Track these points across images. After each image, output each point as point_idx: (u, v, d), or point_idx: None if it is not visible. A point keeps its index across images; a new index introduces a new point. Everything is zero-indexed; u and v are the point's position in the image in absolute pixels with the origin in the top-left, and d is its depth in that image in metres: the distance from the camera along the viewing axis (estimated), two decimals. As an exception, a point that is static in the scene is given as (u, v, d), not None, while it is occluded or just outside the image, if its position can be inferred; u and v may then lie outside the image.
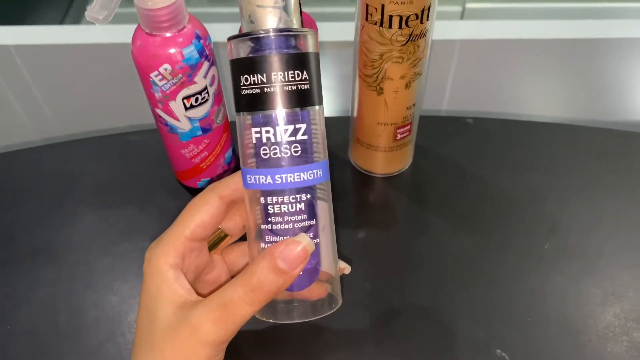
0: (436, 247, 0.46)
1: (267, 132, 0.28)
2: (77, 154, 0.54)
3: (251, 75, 0.27)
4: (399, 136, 0.46)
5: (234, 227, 0.33)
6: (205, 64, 0.40)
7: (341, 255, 0.45)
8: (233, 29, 0.42)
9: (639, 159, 0.52)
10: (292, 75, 0.27)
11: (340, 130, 0.52)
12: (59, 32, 0.56)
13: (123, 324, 0.42)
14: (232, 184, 0.31)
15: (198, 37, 0.39)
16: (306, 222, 0.29)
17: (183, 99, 0.41)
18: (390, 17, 0.38)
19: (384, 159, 0.49)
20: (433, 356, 0.40)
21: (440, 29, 0.41)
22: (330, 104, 0.60)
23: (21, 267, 0.45)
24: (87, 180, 0.51)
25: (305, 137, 0.28)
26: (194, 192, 0.50)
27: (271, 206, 0.28)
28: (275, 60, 0.27)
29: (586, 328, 0.41)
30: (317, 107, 0.29)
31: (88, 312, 0.42)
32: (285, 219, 0.28)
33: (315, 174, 0.28)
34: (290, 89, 0.27)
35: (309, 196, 0.28)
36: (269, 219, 0.29)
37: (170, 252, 0.30)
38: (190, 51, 0.39)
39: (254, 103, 0.28)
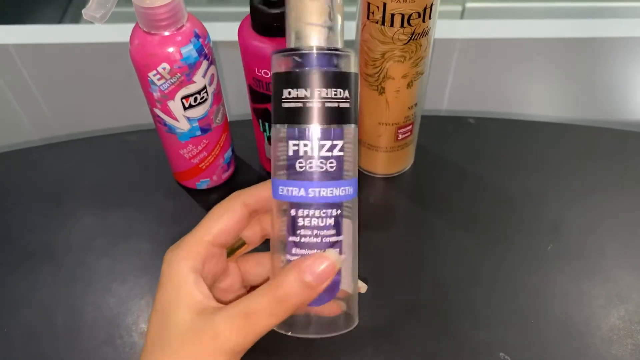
0: (438, 248, 0.45)
1: (305, 145, 0.28)
2: (76, 154, 0.54)
3: (294, 89, 0.28)
4: (400, 136, 0.46)
5: (252, 235, 0.33)
6: (204, 63, 0.40)
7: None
8: (233, 28, 0.41)
9: (643, 159, 0.51)
10: (335, 92, 0.28)
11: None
12: (57, 31, 0.56)
13: (121, 325, 0.41)
14: (258, 192, 0.31)
15: (197, 36, 0.39)
16: (333, 237, 0.29)
17: (182, 99, 0.41)
18: (392, 15, 0.37)
19: (385, 159, 0.48)
20: (435, 359, 0.39)
21: (440, 28, 0.40)
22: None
23: (19, 268, 0.45)
24: (86, 181, 0.51)
25: (341, 153, 0.29)
26: (193, 192, 0.49)
27: (301, 219, 0.29)
28: (319, 77, 0.28)
29: (590, 330, 0.40)
30: (353, 125, 0.29)
31: (86, 314, 0.42)
32: (314, 233, 0.29)
33: (347, 190, 0.29)
34: (331, 105, 0.28)
35: (338, 212, 0.29)
36: (297, 232, 0.29)
37: (191, 255, 0.30)
38: (189, 50, 0.38)
39: (295, 116, 0.28)
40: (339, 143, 0.28)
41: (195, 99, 0.41)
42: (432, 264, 0.44)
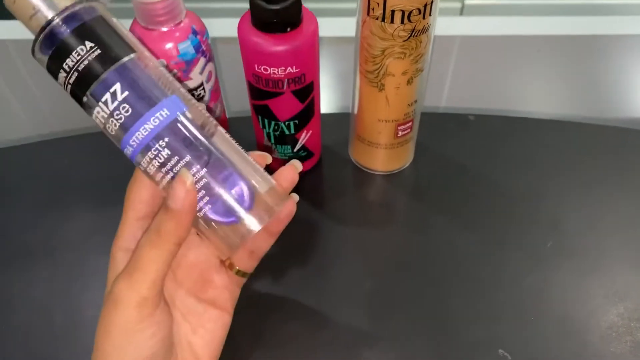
0: (437, 245, 0.45)
1: (97, 112, 0.28)
2: (74, 150, 0.53)
3: (58, 79, 0.28)
4: (400, 133, 0.46)
5: None
6: (202, 60, 0.40)
7: (342, 253, 0.45)
8: (232, 24, 0.41)
9: (642, 156, 0.51)
10: (74, 54, 0.27)
11: (340, 127, 0.51)
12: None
13: (120, 323, 0.41)
14: None
15: (195, 33, 0.39)
16: (183, 160, 0.28)
17: (180, 95, 0.40)
18: (392, 11, 0.37)
19: (384, 156, 0.48)
20: (434, 356, 0.39)
21: (440, 25, 0.40)
22: (330, 101, 0.59)
23: (16, 265, 0.45)
24: (84, 177, 0.51)
25: (126, 93, 0.27)
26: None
27: (145, 163, 0.28)
28: (53, 59, 0.27)
29: (589, 328, 0.40)
30: (123, 61, 0.27)
31: (84, 311, 0.42)
32: (164, 170, 0.28)
33: (161, 115, 0.27)
34: (82, 67, 0.27)
35: (167, 139, 0.27)
36: (156, 178, 0.29)
37: (119, 237, 0.31)
38: (186, 46, 0.38)
39: (74, 97, 0.28)
40: (114, 88, 0.27)
41: (192, 96, 0.41)
42: (432, 261, 0.44)
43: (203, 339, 0.33)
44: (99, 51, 0.27)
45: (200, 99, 0.42)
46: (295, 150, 0.47)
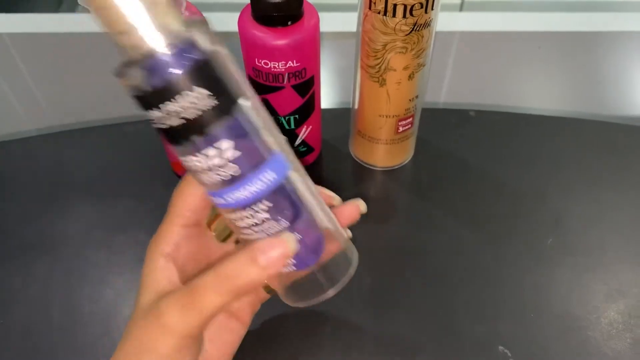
0: (437, 241, 0.45)
1: (196, 160, 0.24)
2: (72, 144, 0.53)
3: (150, 112, 0.23)
4: (400, 129, 0.45)
5: None
6: (204, 53, 0.39)
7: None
8: (233, 18, 0.41)
9: (643, 153, 0.51)
10: (189, 99, 0.22)
11: (340, 123, 0.51)
12: (54, 20, 0.55)
13: (119, 318, 0.41)
14: None
15: (196, 25, 0.38)
16: (277, 225, 0.26)
17: (180, 89, 0.40)
18: (395, 5, 0.37)
19: (385, 152, 0.48)
20: (435, 352, 0.39)
21: (440, 21, 0.40)
22: (330, 96, 0.59)
23: (14, 260, 0.44)
24: (83, 172, 0.50)
25: (236, 152, 0.24)
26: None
27: (236, 221, 0.26)
28: (162, 93, 0.22)
29: (589, 324, 0.40)
30: (236, 113, 0.23)
31: (83, 307, 0.41)
32: (255, 230, 0.26)
33: (266, 178, 0.25)
34: (193, 114, 0.22)
35: (269, 204, 0.25)
36: (242, 232, 0.27)
37: (163, 240, 0.29)
38: (188, 40, 0.38)
39: (168, 137, 0.24)
40: (225, 144, 0.23)
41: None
42: (432, 257, 0.44)
43: (219, 350, 0.32)
44: (214, 102, 0.22)
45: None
46: (295, 145, 0.47)
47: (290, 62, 0.40)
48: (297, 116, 0.44)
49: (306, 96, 0.43)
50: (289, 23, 0.38)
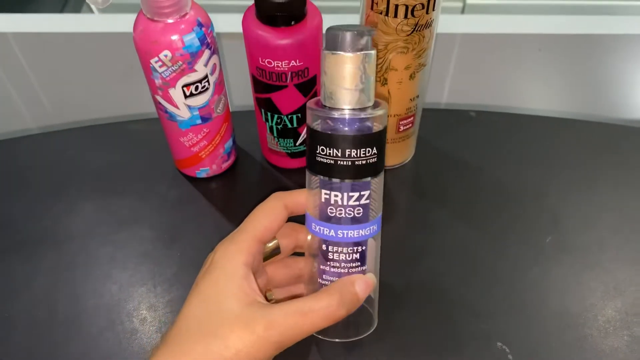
0: (437, 239, 0.46)
1: (336, 196, 0.31)
2: (77, 142, 0.54)
3: (327, 148, 0.30)
4: (401, 128, 0.46)
5: (287, 245, 0.35)
6: (207, 52, 0.40)
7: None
8: (237, 19, 0.41)
9: (641, 154, 0.52)
10: (364, 152, 0.30)
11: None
12: (58, 20, 0.56)
13: (122, 312, 0.41)
14: (298, 197, 0.34)
15: (200, 25, 0.39)
16: (358, 268, 0.33)
17: (183, 87, 0.41)
18: (396, 6, 0.37)
19: (386, 151, 0.48)
20: (434, 349, 0.39)
21: (441, 23, 0.41)
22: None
23: (20, 255, 0.45)
24: (87, 169, 0.51)
25: (367, 201, 0.31)
26: (194, 181, 0.49)
27: (331, 253, 0.32)
28: (349, 140, 0.30)
29: (587, 322, 0.40)
30: (379, 175, 0.32)
31: (87, 301, 0.42)
32: (341, 265, 0.32)
33: (371, 229, 0.32)
34: (360, 163, 0.30)
35: (363, 248, 0.33)
36: (327, 263, 0.33)
37: (244, 250, 0.32)
38: (191, 38, 0.38)
39: (327, 171, 0.31)
40: (366, 193, 0.31)
41: (197, 88, 0.41)
42: (432, 255, 0.44)
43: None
44: (375, 160, 0.31)
45: (204, 91, 0.42)
46: (297, 144, 0.47)
47: (293, 61, 0.40)
48: (299, 115, 0.45)
49: (308, 95, 0.43)
50: (292, 23, 0.39)
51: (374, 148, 0.31)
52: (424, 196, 0.49)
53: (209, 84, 0.42)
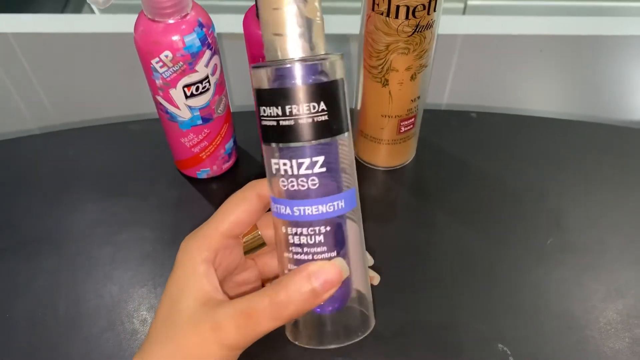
0: (438, 241, 0.45)
1: (284, 164, 0.27)
2: (78, 142, 0.54)
3: (268, 107, 0.26)
4: (402, 129, 0.46)
5: (271, 236, 0.33)
6: (207, 53, 0.40)
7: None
8: (238, 20, 0.41)
9: (643, 155, 0.52)
10: (307, 107, 0.26)
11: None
12: (59, 20, 0.56)
13: (123, 313, 0.41)
14: None
15: (201, 25, 0.39)
16: (326, 254, 0.28)
17: (183, 87, 0.41)
18: (397, 7, 0.37)
19: (387, 152, 0.48)
20: (434, 351, 0.39)
21: (442, 24, 0.40)
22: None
23: (21, 255, 0.45)
24: (88, 169, 0.51)
25: (323, 169, 0.27)
26: (194, 181, 0.49)
27: (291, 236, 0.28)
28: (286, 93, 0.26)
29: (588, 324, 0.40)
30: (338, 137, 0.27)
31: (88, 302, 0.42)
32: (305, 251, 0.28)
33: (336, 205, 0.27)
34: (304, 121, 0.26)
35: (328, 228, 0.27)
36: (290, 249, 0.28)
37: (205, 246, 0.30)
38: (192, 39, 0.38)
39: (271, 135, 0.27)
40: (319, 159, 0.26)
41: (197, 88, 0.41)
42: (433, 257, 0.44)
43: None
44: (325, 117, 0.26)
45: (205, 91, 0.42)
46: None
47: (294, 61, 0.40)
48: (300, 116, 0.44)
49: (309, 96, 0.43)
50: (293, 23, 0.39)
51: (321, 103, 0.26)
52: (425, 197, 0.49)
53: (209, 85, 0.42)
